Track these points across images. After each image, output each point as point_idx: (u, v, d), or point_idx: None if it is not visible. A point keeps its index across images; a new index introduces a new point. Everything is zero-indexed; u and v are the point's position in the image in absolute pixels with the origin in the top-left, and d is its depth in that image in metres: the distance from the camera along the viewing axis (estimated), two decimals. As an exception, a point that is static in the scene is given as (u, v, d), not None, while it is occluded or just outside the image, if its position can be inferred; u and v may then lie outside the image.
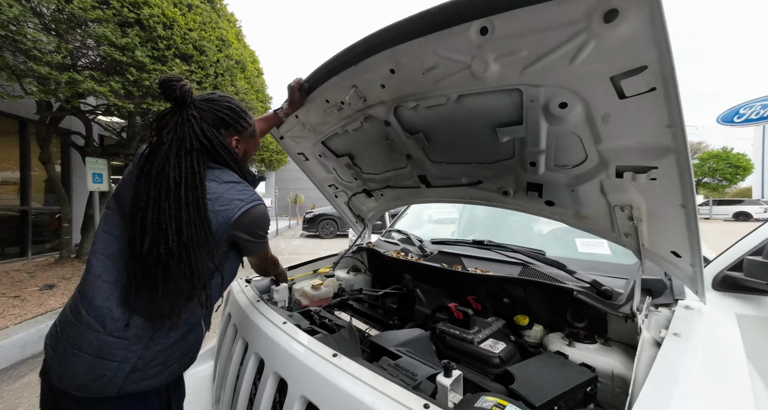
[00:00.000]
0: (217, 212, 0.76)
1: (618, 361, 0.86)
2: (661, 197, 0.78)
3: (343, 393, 0.59)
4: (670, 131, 0.63)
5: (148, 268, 0.70)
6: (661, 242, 0.90)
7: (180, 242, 0.70)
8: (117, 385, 0.70)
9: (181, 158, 0.75)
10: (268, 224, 0.87)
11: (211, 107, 0.83)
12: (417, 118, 1.12)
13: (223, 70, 5.12)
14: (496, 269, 1.30)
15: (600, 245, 1.33)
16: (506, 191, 1.19)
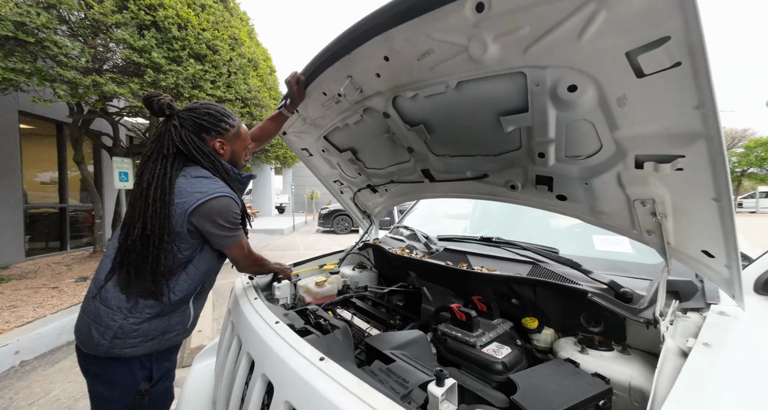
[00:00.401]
0: (177, 205, 0.87)
1: (637, 372, 0.77)
2: (690, 190, 0.68)
3: (326, 401, 0.56)
4: (699, 114, 0.54)
5: (122, 254, 0.87)
6: (690, 241, 0.80)
7: (143, 234, 0.84)
8: (103, 347, 0.86)
9: (157, 162, 0.88)
10: (232, 216, 0.92)
11: (191, 115, 0.94)
12: (416, 109, 1.06)
13: (236, 68, 5.21)
14: (504, 268, 1.22)
15: (620, 243, 1.22)
16: (514, 185, 1.11)
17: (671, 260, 0.87)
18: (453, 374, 0.79)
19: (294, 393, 0.63)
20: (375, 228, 2.13)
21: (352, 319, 1.26)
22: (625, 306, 0.90)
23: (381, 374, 0.69)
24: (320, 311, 1.05)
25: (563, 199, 1.00)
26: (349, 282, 1.69)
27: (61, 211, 6.24)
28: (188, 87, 4.30)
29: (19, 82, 3.31)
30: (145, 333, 0.89)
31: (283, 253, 7.48)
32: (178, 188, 0.88)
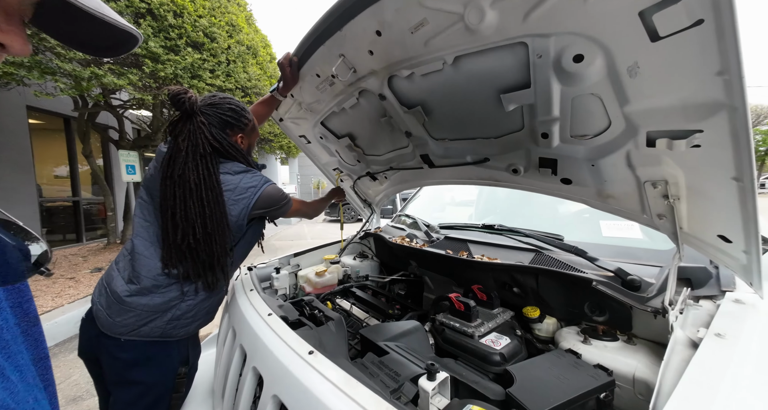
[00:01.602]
0: (237, 201, 0.94)
1: (642, 363, 0.74)
2: (707, 168, 0.62)
3: (312, 397, 0.55)
4: (721, 80, 0.47)
5: (181, 253, 0.89)
6: (706, 225, 0.74)
7: (205, 233, 0.89)
8: (159, 330, 0.89)
9: (198, 162, 0.90)
10: (281, 193, 1.05)
11: (216, 112, 0.97)
12: (413, 89, 1.00)
13: (234, 56, 5.10)
14: (506, 256, 1.18)
15: (629, 228, 1.16)
16: (516, 169, 1.05)
17: (683, 246, 0.81)
18: (449, 365, 0.77)
19: (282, 387, 0.62)
20: (376, 217, 2.10)
21: (351, 309, 1.25)
22: (632, 295, 0.86)
23: (372, 367, 0.67)
24: (316, 302, 1.04)
25: (568, 183, 0.94)
26: (350, 272, 1.68)
27: (74, 204, 6.41)
28: (187, 77, 4.25)
29: (21, 76, 3.31)
30: (197, 313, 0.95)
31: (291, 242, 7.57)
32: (229, 185, 0.94)
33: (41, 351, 0.39)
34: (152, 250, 0.92)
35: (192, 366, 1.00)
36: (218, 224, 0.90)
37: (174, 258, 0.89)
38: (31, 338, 0.38)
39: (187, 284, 0.91)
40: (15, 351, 0.33)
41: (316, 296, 1.39)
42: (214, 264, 0.92)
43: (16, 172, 5.21)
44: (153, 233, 0.94)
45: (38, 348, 0.38)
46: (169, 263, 0.89)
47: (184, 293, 0.91)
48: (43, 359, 0.39)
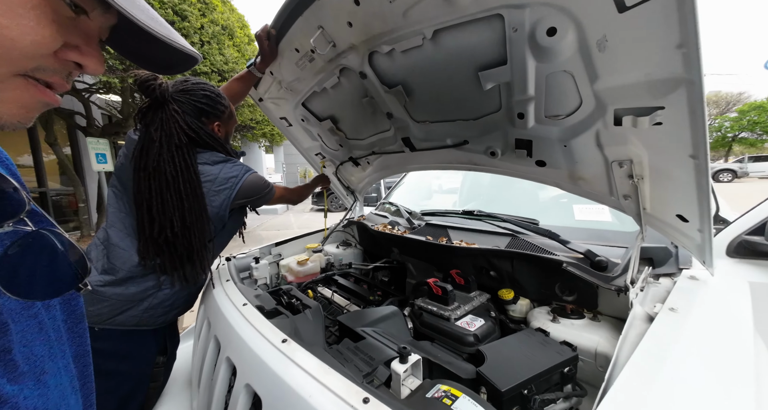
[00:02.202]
0: (218, 192, 0.92)
1: (604, 338, 0.78)
2: (667, 146, 0.65)
3: (284, 384, 0.55)
4: (680, 54, 0.49)
5: (158, 246, 0.86)
6: (665, 205, 0.78)
7: (184, 226, 0.86)
8: (135, 319, 0.88)
9: (173, 153, 0.86)
10: (263, 182, 1.03)
11: (189, 99, 0.92)
12: (394, 67, 0.99)
13: (209, 37, 4.80)
14: (484, 241, 1.21)
15: (600, 212, 1.20)
16: (494, 152, 1.06)
17: (646, 227, 0.85)
18: (424, 348, 0.79)
19: (255, 376, 0.62)
20: (359, 205, 2.09)
21: (332, 296, 1.25)
22: (598, 275, 0.90)
23: (348, 352, 0.68)
24: (294, 291, 1.04)
25: (542, 165, 0.96)
26: (333, 260, 1.68)
27: (41, 195, 6.04)
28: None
29: None
30: (174, 302, 0.94)
31: (277, 232, 7.49)
32: (208, 176, 0.92)
33: (84, 347, 0.40)
34: (128, 241, 0.89)
35: (170, 356, 1.01)
36: (197, 217, 0.88)
37: (151, 251, 0.87)
38: (76, 334, 0.39)
39: (165, 275, 0.90)
40: (57, 352, 0.33)
41: (298, 285, 1.39)
42: (194, 257, 0.90)
43: None
44: (128, 225, 0.91)
45: (81, 345, 0.40)
46: (146, 256, 0.87)
47: (161, 283, 0.90)
48: (84, 355, 0.40)
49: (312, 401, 0.50)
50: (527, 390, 0.64)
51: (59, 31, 0.27)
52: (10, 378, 0.27)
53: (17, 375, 0.27)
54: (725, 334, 0.64)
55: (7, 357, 0.27)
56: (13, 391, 0.26)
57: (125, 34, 0.32)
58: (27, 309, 0.30)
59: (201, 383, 0.82)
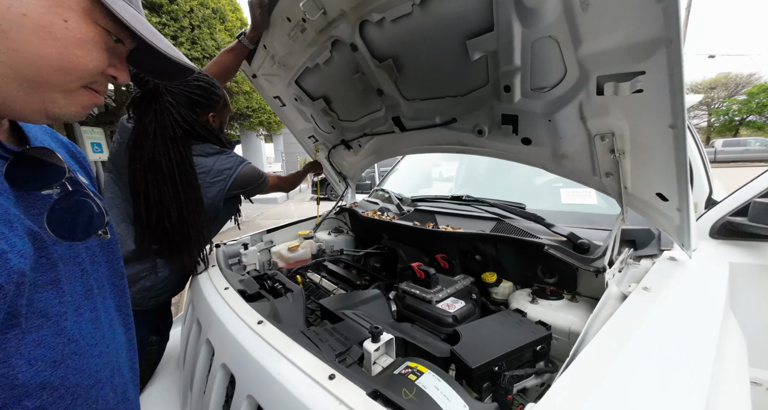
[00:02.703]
0: (212, 183, 0.94)
1: (578, 317, 0.80)
2: (647, 116, 0.64)
3: (257, 364, 0.57)
4: (660, 8, 0.48)
5: (155, 236, 0.89)
6: (646, 183, 0.77)
7: (180, 217, 0.88)
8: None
9: (168, 145, 0.87)
10: (257, 172, 1.06)
11: (183, 90, 0.92)
12: (384, 39, 0.99)
13: (199, 21, 4.67)
14: (470, 226, 1.21)
15: (587, 195, 1.19)
16: (481, 130, 1.05)
17: (628, 209, 0.85)
18: (402, 329, 0.81)
19: (231, 356, 0.63)
20: (351, 191, 2.08)
21: (320, 282, 1.27)
22: (579, 257, 0.90)
23: (324, 333, 0.70)
24: (279, 275, 1.05)
25: (528, 143, 0.96)
26: (324, 247, 1.69)
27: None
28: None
29: None
30: (167, 285, 0.97)
31: (276, 222, 7.53)
32: (202, 167, 0.93)
33: (125, 300, 0.50)
34: (123, 227, 0.91)
35: (163, 336, 1.04)
36: (193, 208, 0.90)
37: (148, 240, 0.89)
38: (118, 288, 0.49)
39: (158, 259, 0.93)
40: (97, 296, 0.43)
41: (288, 271, 1.41)
42: (190, 246, 0.93)
43: None
44: (124, 210, 0.93)
45: (123, 297, 0.50)
46: (142, 245, 0.89)
47: (156, 267, 0.93)
48: (126, 307, 0.50)
49: (280, 378, 0.52)
50: (498, 367, 0.65)
51: (107, 56, 0.40)
52: (60, 300, 0.36)
53: (64, 301, 0.37)
54: (694, 313, 0.64)
55: (58, 286, 0.36)
56: (59, 312, 0.36)
57: (139, 52, 0.43)
58: (74, 257, 0.41)
59: (185, 363, 0.84)
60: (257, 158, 16.31)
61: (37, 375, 0.32)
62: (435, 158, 2.75)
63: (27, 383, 0.31)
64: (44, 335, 0.33)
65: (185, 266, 0.98)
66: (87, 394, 0.37)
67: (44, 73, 0.34)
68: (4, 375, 0.30)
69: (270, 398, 0.52)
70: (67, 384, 0.35)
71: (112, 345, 0.43)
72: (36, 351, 0.32)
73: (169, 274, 0.96)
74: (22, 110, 0.36)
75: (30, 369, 0.31)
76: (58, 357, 0.34)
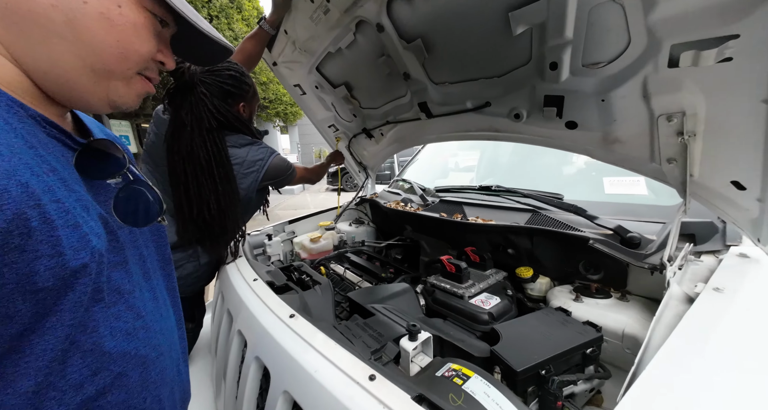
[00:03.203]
0: (246, 175, 0.96)
1: (633, 319, 0.72)
2: (734, 89, 0.54)
3: (290, 358, 0.55)
4: None
5: (196, 227, 0.91)
6: (719, 169, 0.67)
7: (219, 209, 0.91)
8: None
9: (205, 138, 0.89)
10: (287, 163, 1.08)
11: (216, 81, 0.93)
12: (414, 17, 0.92)
13: (216, 11, 4.68)
14: (502, 218, 1.14)
15: (634, 184, 1.08)
16: (518, 114, 0.97)
17: (690, 199, 0.75)
18: (436, 325, 0.77)
19: (264, 349, 0.62)
20: (371, 182, 2.04)
21: (344, 273, 1.25)
22: (629, 252, 0.82)
23: (356, 329, 0.67)
24: (305, 267, 1.03)
25: (573, 127, 0.87)
26: (345, 238, 1.67)
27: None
28: (167, 38, 3.94)
29: None
30: (201, 274, 1.00)
31: (294, 212, 7.65)
32: (236, 159, 0.95)
33: (173, 282, 0.53)
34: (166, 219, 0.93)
35: (197, 323, 1.07)
36: (230, 200, 0.92)
37: (190, 231, 0.91)
38: (166, 273, 0.51)
39: (199, 248, 0.96)
40: (153, 278, 0.46)
41: (311, 262, 1.40)
42: (228, 238, 0.96)
43: None
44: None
45: (170, 281, 0.52)
46: (184, 236, 0.92)
47: (197, 254, 0.96)
48: (173, 290, 0.53)
49: (317, 376, 0.49)
50: (545, 370, 0.60)
51: (156, 41, 0.40)
52: (129, 280, 0.39)
53: (132, 280, 0.40)
54: (780, 318, 0.56)
55: (126, 267, 0.39)
56: (129, 290, 0.38)
57: (178, 39, 0.44)
58: (133, 241, 0.43)
59: (218, 352, 0.85)
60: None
61: (118, 345, 0.35)
62: (453, 147, 2.63)
63: (111, 351, 0.34)
64: (120, 310, 0.36)
65: (221, 256, 1.00)
66: (153, 365, 0.40)
67: (108, 61, 0.35)
68: (96, 344, 0.33)
69: (307, 395, 0.50)
70: (140, 355, 0.38)
71: (168, 323, 0.46)
72: (116, 323, 0.35)
73: (208, 262, 1.00)
74: (90, 100, 0.37)
75: (112, 339, 0.35)
76: (132, 330, 0.37)
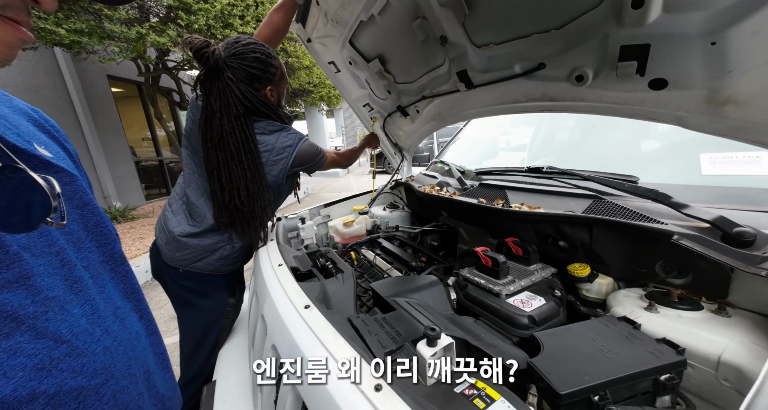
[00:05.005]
0: (276, 161, 0.97)
1: (737, 342, 0.55)
2: None
3: (300, 352, 0.52)
4: None
5: (229, 212, 0.95)
6: None
7: (248, 195, 0.93)
8: (211, 266, 1.01)
9: (233, 124, 0.90)
10: (316, 149, 1.06)
11: (241, 64, 0.92)
12: None
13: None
14: (553, 205, 0.96)
15: (751, 161, 0.81)
16: (581, 75, 0.78)
17: None
18: (464, 325, 0.69)
19: (279, 338, 0.61)
20: (407, 164, 1.94)
21: (374, 259, 1.21)
22: (736, 252, 0.62)
23: (374, 324, 0.62)
24: (331, 253, 1.01)
25: (661, 86, 0.66)
26: (379, 222, 1.63)
27: (160, 163, 7.43)
28: (219, 27, 4.14)
29: (83, 43, 3.55)
30: (240, 254, 1.05)
31: (338, 194, 7.89)
32: (266, 145, 0.96)
33: (132, 285, 0.45)
34: (202, 201, 1.00)
35: (238, 298, 1.15)
36: (258, 186, 0.94)
37: (224, 216, 0.96)
38: (120, 274, 0.44)
39: (233, 232, 1.01)
40: (92, 287, 0.38)
41: (344, 246, 1.39)
42: (257, 224, 1.00)
43: (113, 135, 6.08)
44: (201, 185, 1.00)
45: (128, 283, 0.45)
46: (220, 221, 0.97)
47: (232, 238, 1.01)
48: (134, 292, 0.45)
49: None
50: (598, 396, 0.49)
51: None
52: (34, 300, 0.31)
53: (42, 298, 0.31)
54: None
55: (27, 283, 0.31)
56: (33, 313, 0.30)
57: None
58: (48, 247, 0.34)
59: (249, 334, 0.89)
60: (320, 134, 17.06)
61: (21, 386, 0.28)
62: (504, 123, 2.34)
63: (7, 398, 0.27)
64: (19, 342, 0.29)
65: (252, 241, 1.04)
66: (98, 394, 0.33)
67: None
68: None
69: (313, 396, 0.47)
70: (66, 389, 0.31)
71: (122, 337, 0.39)
72: (10, 361, 0.28)
73: (243, 245, 1.04)
74: None
75: (8, 382, 0.27)
76: (46, 363, 0.30)
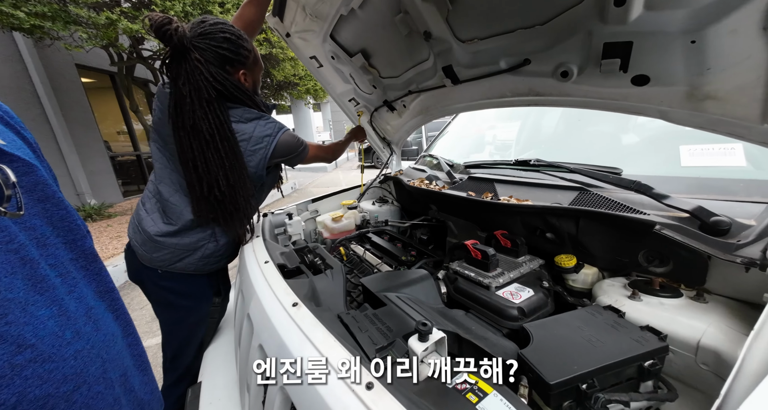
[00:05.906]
0: (254, 151, 0.91)
1: (714, 327, 0.57)
2: None
3: (288, 352, 0.50)
4: None
5: (210, 205, 0.89)
6: None
7: (228, 185, 0.88)
8: (193, 266, 0.95)
9: (206, 110, 0.84)
10: (297, 140, 1.00)
11: (210, 45, 0.85)
12: None
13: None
14: (541, 197, 0.97)
15: (727, 153, 0.84)
16: (566, 71, 0.78)
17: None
18: (455, 318, 0.69)
19: (267, 338, 0.59)
20: (396, 158, 1.92)
21: (364, 255, 1.20)
22: (713, 241, 0.64)
23: (364, 321, 0.61)
24: (319, 249, 0.99)
25: (643, 82, 0.67)
26: (368, 217, 1.61)
27: (137, 158, 7.06)
28: (197, 14, 3.95)
29: (45, 28, 3.30)
30: (224, 252, 1.01)
31: (326, 190, 7.80)
32: (243, 134, 0.90)
33: (106, 284, 0.42)
34: (177, 197, 0.93)
35: (224, 297, 1.11)
36: (239, 176, 0.89)
37: (204, 209, 0.90)
38: (92, 272, 0.40)
39: (217, 227, 0.95)
40: (59, 286, 0.35)
41: (332, 241, 1.37)
42: (241, 216, 0.94)
43: (85, 129, 5.71)
44: (175, 181, 0.94)
45: (102, 282, 0.41)
46: (200, 214, 0.91)
47: (215, 234, 0.96)
48: (109, 292, 0.42)
49: (312, 378, 0.44)
50: (586, 384, 0.50)
51: None
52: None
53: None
54: None
55: None
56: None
57: None
58: (6, 243, 0.31)
59: (235, 334, 0.86)
60: (307, 128, 16.72)
61: None
62: (490, 118, 2.35)
63: None
64: None
65: (238, 235, 0.99)
66: (68, 401, 0.32)
67: None
68: None
69: (302, 397, 0.45)
70: (30, 398, 0.29)
71: (96, 339, 0.37)
72: None
73: (228, 241, 0.99)
74: None
75: None
76: (6, 371, 0.28)
